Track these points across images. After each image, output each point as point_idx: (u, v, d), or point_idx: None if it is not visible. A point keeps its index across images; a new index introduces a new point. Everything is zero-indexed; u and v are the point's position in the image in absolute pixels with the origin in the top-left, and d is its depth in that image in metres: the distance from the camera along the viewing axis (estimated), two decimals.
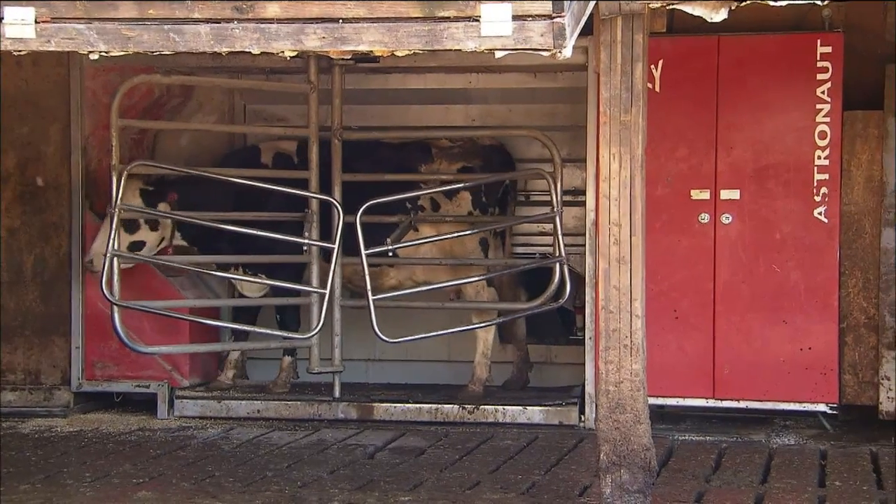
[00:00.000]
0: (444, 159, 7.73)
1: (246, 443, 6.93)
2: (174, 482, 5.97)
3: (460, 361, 8.45)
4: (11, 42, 4.42)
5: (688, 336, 7.13)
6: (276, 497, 5.66)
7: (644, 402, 5.14)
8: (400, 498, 5.65)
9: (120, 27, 4.42)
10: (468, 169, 7.69)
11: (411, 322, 7.69)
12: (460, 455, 6.58)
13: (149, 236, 7.40)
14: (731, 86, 7.04)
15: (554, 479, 6.03)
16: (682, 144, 7.12)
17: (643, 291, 5.14)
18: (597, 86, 5.94)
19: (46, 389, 7.77)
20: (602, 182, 5.13)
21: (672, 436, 6.99)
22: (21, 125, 7.69)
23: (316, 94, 7.37)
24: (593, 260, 7.09)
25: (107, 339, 7.50)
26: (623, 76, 5.01)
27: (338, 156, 7.54)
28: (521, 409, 7.41)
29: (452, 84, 8.15)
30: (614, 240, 5.12)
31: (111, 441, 7.00)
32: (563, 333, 8.26)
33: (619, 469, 5.09)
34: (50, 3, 4.41)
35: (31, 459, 6.50)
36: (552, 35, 4.29)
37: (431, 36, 4.36)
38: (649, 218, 5.31)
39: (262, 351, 8.24)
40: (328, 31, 4.39)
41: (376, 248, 6.73)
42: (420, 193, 7.49)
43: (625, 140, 5.06)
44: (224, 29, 4.42)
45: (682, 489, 5.79)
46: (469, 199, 7.69)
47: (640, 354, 5.12)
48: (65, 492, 5.78)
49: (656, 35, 6.81)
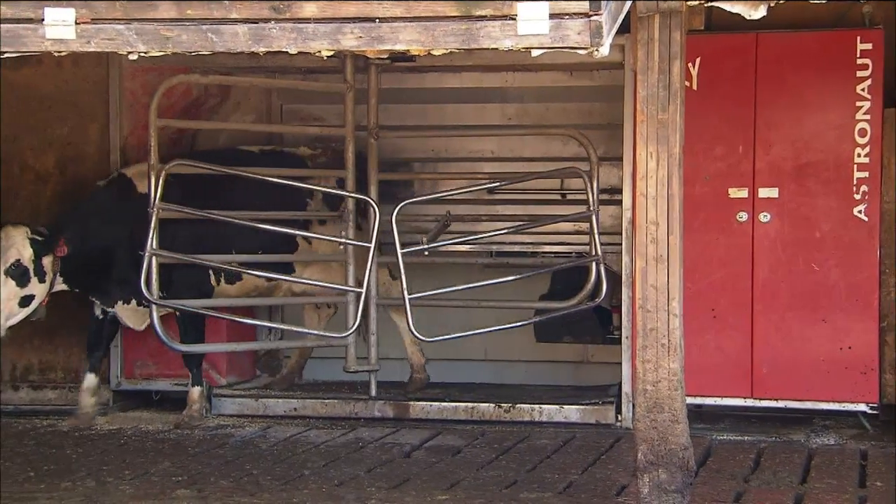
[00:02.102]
0: (318, 168, 7.71)
1: (283, 441, 6.96)
2: (213, 480, 6.01)
3: (497, 360, 8.45)
4: (52, 43, 4.46)
5: (726, 335, 7.09)
6: (314, 495, 5.68)
7: (682, 402, 5.12)
8: (437, 497, 5.66)
9: (159, 28, 4.45)
10: (342, 177, 7.59)
11: (448, 321, 7.68)
12: (497, 454, 6.58)
13: (37, 288, 6.97)
14: (769, 83, 6.99)
15: (591, 479, 6.01)
16: (720, 143, 7.08)
17: (681, 290, 5.12)
18: (634, 84, 5.91)
19: None
20: (639, 181, 5.12)
21: (710, 435, 6.94)
22: (61, 125, 7.77)
23: (352, 94, 7.39)
24: (630, 259, 7.06)
25: (146, 338, 7.55)
26: (660, 74, 4.99)
27: (374, 155, 7.56)
28: (557, 408, 7.39)
29: (488, 83, 8.15)
30: (651, 238, 5.10)
31: (150, 439, 7.05)
32: (600, 333, 8.23)
33: (656, 469, 5.07)
34: (90, 4, 4.44)
35: (71, 457, 6.56)
36: (589, 33, 4.28)
37: (468, 35, 4.36)
38: (687, 216, 5.28)
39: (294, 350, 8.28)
40: (365, 31, 4.40)
41: (413, 247, 6.74)
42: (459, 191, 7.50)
43: (662, 138, 5.04)
44: (261, 29, 4.44)
45: (721, 489, 5.75)
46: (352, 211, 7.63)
47: (677, 353, 5.10)
48: (105, 489, 5.83)
49: (694, 33, 6.77)
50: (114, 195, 7.29)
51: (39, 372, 7.77)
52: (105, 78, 7.72)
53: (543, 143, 8.16)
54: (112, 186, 7.35)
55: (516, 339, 8.26)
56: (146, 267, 6.56)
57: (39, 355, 7.65)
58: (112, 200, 7.27)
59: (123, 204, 7.21)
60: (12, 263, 6.77)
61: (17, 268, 6.78)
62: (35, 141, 7.73)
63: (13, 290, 6.80)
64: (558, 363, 8.52)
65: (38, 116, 7.76)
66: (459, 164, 8.37)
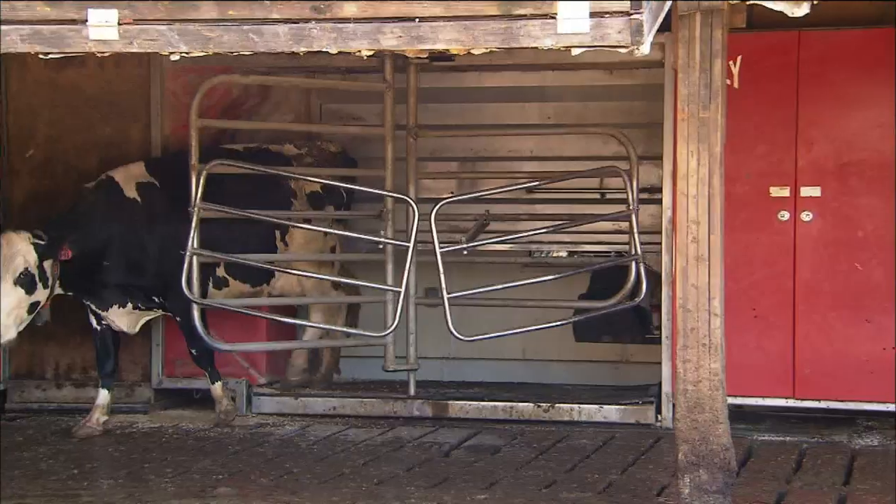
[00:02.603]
0: (303, 167, 7.64)
1: (323, 440, 6.98)
2: (253, 478, 6.04)
3: (535, 360, 8.44)
4: (95, 44, 4.50)
5: (767, 335, 7.04)
6: (354, 494, 5.69)
7: (723, 402, 5.09)
8: (476, 496, 5.66)
9: (200, 28, 4.48)
10: (328, 187, 7.60)
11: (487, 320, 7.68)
12: (536, 454, 6.57)
13: (42, 294, 6.81)
14: (811, 82, 6.93)
15: (631, 479, 5.99)
16: (762, 141, 7.03)
17: (722, 290, 5.09)
18: (674, 82, 5.87)
19: (128, 386, 7.89)
20: (680, 179, 5.09)
21: (751, 436, 6.90)
22: (104, 126, 7.83)
23: (391, 93, 7.40)
24: (670, 258, 7.02)
25: None
26: (702, 73, 4.97)
27: (413, 155, 7.57)
28: (597, 407, 7.37)
29: (528, 82, 8.14)
30: (692, 238, 5.07)
31: (191, 437, 7.10)
32: (640, 332, 8.20)
33: (697, 469, 5.05)
34: (133, 5, 4.47)
35: (113, 455, 6.62)
36: (630, 32, 4.26)
37: (508, 34, 4.35)
38: (728, 215, 5.25)
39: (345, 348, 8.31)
40: (405, 30, 4.41)
41: (452, 246, 6.74)
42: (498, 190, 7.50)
43: (703, 137, 5.02)
44: (302, 29, 4.45)
45: (763, 490, 5.71)
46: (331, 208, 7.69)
47: (718, 353, 5.08)
48: (147, 487, 5.87)
49: (735, 31, 6.72)
50: (103, 198, 7.15)
51: (82, 370, 7.83)
52: (147, 79, 7.77)
53: (583, 142, 8.13)
54: (100, 189, 7.19)
55: (555, 338, 8.25)
56: (187, 266, 6.60)
57: (82, 353, 7.71)
58: (102, 203, 7.13)
59: (112, 207, 7.13)
60: (21, 272, 6.65)
61: (25, 276, 6.66)
62: (78, 141, 7.80)
63: (23, 298, 6.67)
64: (597, 363, 8.49)
65: (82, 117, 7.83)
66: (499, 164, 8.36)
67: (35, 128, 7.89)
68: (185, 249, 6.63)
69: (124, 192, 7.19)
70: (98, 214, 7.06)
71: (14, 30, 4.51)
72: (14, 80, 7.85)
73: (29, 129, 7.88)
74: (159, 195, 7.21)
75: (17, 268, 6.66)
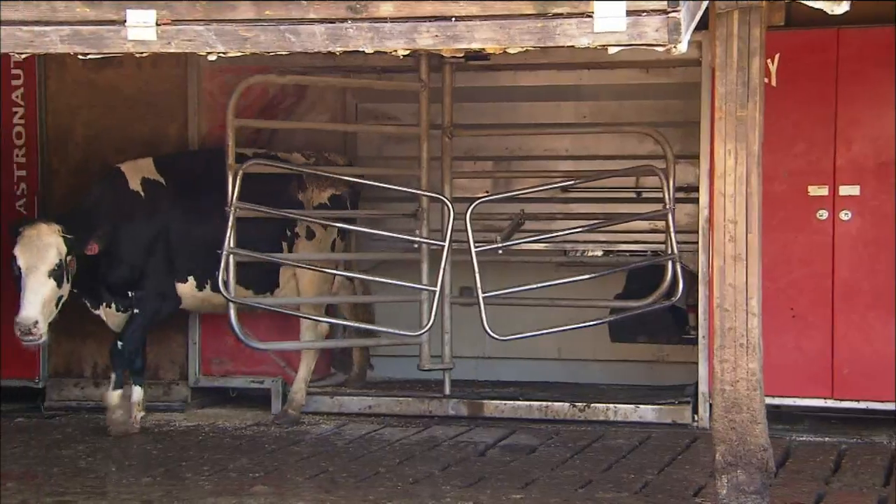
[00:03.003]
0: (316, 187, 7.57)
1: (358, 439, 7.00)
2: (289, 477, 6.06)
3: (571, 359, 8.41)
4: (134, 44, 4.53)
5: (805, 335, 6.99)
6: (389, 493, 5.70)
7: (761, 402, 5.07)
8: (512, 496, 5.65)
9: (238, 28, 4.50)
10: (336, 196, 7.58)
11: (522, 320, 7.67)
12: (572, 453, 6.55)
13: (65, 288, 6.75)
14: (850, 80, 6.87)
15: (667, 479, 5.96)
16: (800, 140, 6.98)
17: (759, 289, 5.07)
18: (711, 81, 5.86)
19: (165, 385, 7.95)
20: (717, 179, 5.07)
21: (789, 436, 6.85)
22: (141, 125, 7.88)
23: (427, 93, 7.41)
24: (706, 257, 6.99)
25: (222, 335, 7.63)
26: (739, 71, 4.94)
27: (448, 154, 7.57)
28: (633, 407, 7.34)
29: (563, 81, 8.11)
30: (730, 237, 5.05)
31: (228, 436, 7.13)
32: (676, 332, 8.16)
33: (735, 469, 5.03)
34: (171, 5, 4.50)
35: (151, 453, 6.66)
36: (667, 30, 4.24)
37: (544, 33, 4.34)
38: (765, 214, 5.22)
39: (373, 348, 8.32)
40: (441, 30, 4.41)
41: (486, 245, 6.73)
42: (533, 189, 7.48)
43: (741, 136, 4.99)
44: (339, 29, 4.47)
45: (801, 491, 5.67)
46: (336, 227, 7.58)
47: (756, 353, 5.05)
48: (184, 485, 5.91)
49: (773, 28, 6.67)
50: (111, 190, 7.10)
51: None
52: (184, 79, 7.81)
53: (618, 141, 8.09)
54: (108, 181, 7.15)
55: (590, 338, 8.22)
56: (224, 265, 6.63)
57: None
58: (112, 196, 7.08)
59: (119, 200, 7.07)
60: (56, 265, 6.62)
61: (58, 269, 6.63)
62: (116, 141, 7.85)
63: (55, 292, 6.64)
64: (632, 362, 8.46)
65: (119, 117, 7.88)
66: (534, 163, 8.34)
67: (73, 127, 7.95)
68: (221, 248, 6.63)
69: (129, 183, 7.11)
70: (112, 207, 7.01)
71: (54, 30, 4.55)
72: (53, 80, 7.92)
73: (67, 128, 7.95)
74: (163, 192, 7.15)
75: (51, 260, 6.63)
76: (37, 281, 6.59)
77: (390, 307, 8.03)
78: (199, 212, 7.15)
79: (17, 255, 6.64)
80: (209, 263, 6.94)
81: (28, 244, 6.64)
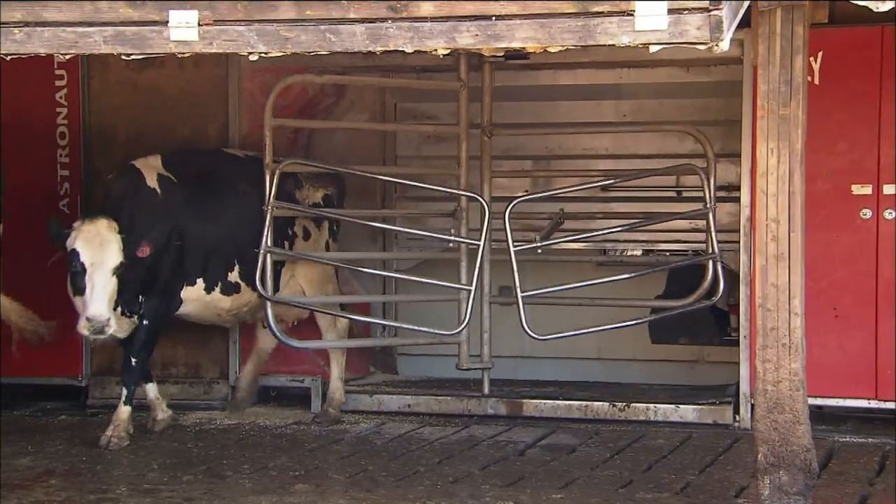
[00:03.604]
0: (311, 185, 7.48)
1: (398, 438, 7.01)
2: (329, 475, 6.08)
3: (611, 359, 8.38)
4: (176, 45, 4.56)
5: (848, 335, 6.92)
6: (429, 492, 5.71)
7: (804, 403, 5.03)
8: (552, 495, 5.64)
9: (279, 28, 4.52)
10: (328, 196, 7.50)
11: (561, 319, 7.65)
12: (612, 453, 6.53)
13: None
14: (894, 77, 6.79)
15: (709, 480, 5.93)
16: (843, 138, 6.91)
17: (802, 289, 5.03)
18: (753, 79, 5.81)
19: (206, 383, 7.99)
20: (759, 177, 5.04)
21: (832, 437, 6.79)
22: (183, 125, 7.93)
23: (466, 92, 7.40)
24: (748, 257, 6.94)
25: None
26: (782, 69, 4.91)
27: (487, 153, 7.57)
28: (673, 407, 7.31)
29: (603, 79, 8.09)
30: (772, 236, 5.01)
31: (268, 434, 7.16)
32: (717, 334, 8.11)
33: (777, 470, 4.99)
34: (212, 6, 4.52)
35: (192, 451, 6.70)
36: (709, 28, 4.22)
37: (585, 31, 4.33)
38: (808, 213, 5.18)
39: (412, 346, 8.34)
40: (481, 29, 4.40)
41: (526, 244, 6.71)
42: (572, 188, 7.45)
43: (783, 134, 4.96)
44: (379, 28, 4.47)
45: (845, 492, 5.63)
46: (327, 227, 7.53)
47: (799, 353, 5.01)
48: (225, 483, 5.94)
49: (816, 26, 6.62)
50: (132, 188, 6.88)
51: (161, 367, 7.93)
52: (224, 79, 7.85)
53: (659, 140, 8.06)
54: (127, 179, 6.94)
55: (630, 337, 8.19)
56: (261, 264, 6.65)
57: (161, 351, 7.81)
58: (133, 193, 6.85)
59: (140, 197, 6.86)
60: (120, 262, 6.44)
61: (121, 267, 6.45)
62: (158, 141, 7.89)
63: (115, 292, 6.46)
64: (673, 362, 8.42)
65: (161, 117, 7.94)
66: (574, 162, 8.32)
67: (116, 128, 8.02)
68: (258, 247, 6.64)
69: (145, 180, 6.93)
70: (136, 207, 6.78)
71: (97, 31, 4.58)
72: (96, 81, 7.99)
73: (110, 128, 8.01)
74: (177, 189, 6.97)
75: (115, 257, 6.43)
76: (103, 277, 6.40)
77: (428, 306, 8.04)
78: (210, 211, 7.01)
79: (80, 251, 6.42)
80: (220, 265, 6.91)
81: (90, 239, 6.43)
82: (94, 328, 6.35)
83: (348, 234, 7.95)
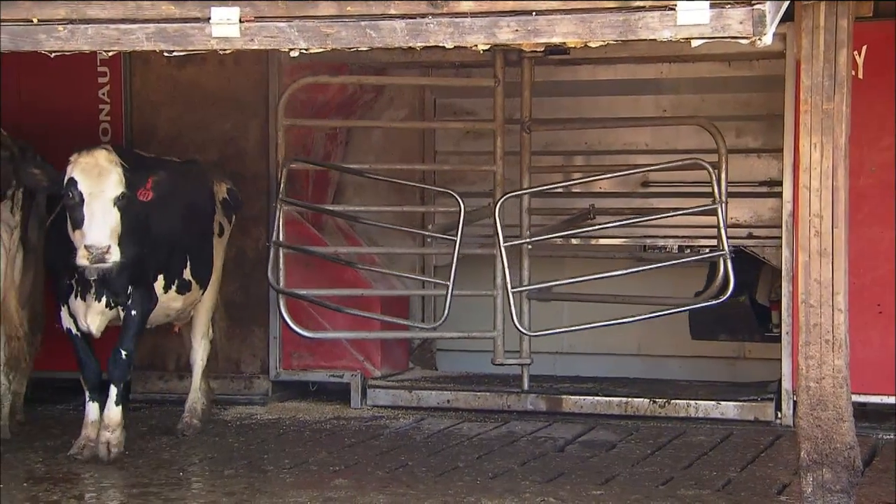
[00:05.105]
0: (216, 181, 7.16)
1: (437, 433, 7.01)
2: (369, 471, 6.09)
3: (650, 355, 8.34)
4: (217, 41, 4.57)
5: (892, 331, 6.85)
6: (468, 488, 5.70)
7: (847, 400, 4.98)
8: (591, 492, 5.62)
9: (319, 25, 4.53)
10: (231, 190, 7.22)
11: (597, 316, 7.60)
12: (652, 450, 6.50)
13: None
14: None
15: (751, 477, 5.89)
16: (887, 133, 6.84)
17: (846, 285, 4.98)
18: (796, 73, 5.77)
19: (246, 378, 8.03)
20: (802, 172, 4.99)
21: (876, 434, 6.73)
22: (223, 122, 7.97)
23: (501, 88, 7.38)
24: (790, 253, 6.89)
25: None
26: (826, 63, 4.86)
27: (527, 149, 7.55)
28: (714, 404, 7.26)
29: (643, 74, 8.05)
30: (815, 232, 4.97)
31: (308, 429, 7.19)
32: (758, 330, 8.05)
33: (820, 468, 4.95)
34: (253, 3, 4.54)
35: (233, 446, 6.74)
36: (752, 22, 4.18)
37: (626, 26, 4.30)
38: (851, 209, 5.12)
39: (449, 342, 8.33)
40: (521, 24, 4.39)
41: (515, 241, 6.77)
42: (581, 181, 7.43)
43: (827, 129, 4.91)
44: (419, 24, 4.47)
45: (889, 490, 5.57)
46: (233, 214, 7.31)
47: (843, 350, 4.96)
48: (265, 477, 5.97)
49: (861, 20, 6.54)
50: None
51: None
52: (265, 75, 7.88)
53: (698, 135, 7.99)
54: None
55: (670, 333, 8.15)
56: (273, 258, 6.73)
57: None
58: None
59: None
60: (121, 193, 5.91)
61: (122, 199, 5.92)
62: (198, 137, 7.95)
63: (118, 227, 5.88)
64: (714, 358, 8.37)
65: (202, 113, 7.98)
66: (613, 157, 8.28)
67: (156, 124, 8.07)
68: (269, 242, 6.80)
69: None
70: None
71: (139, 28, 4.61)
72: (137, 78, 8.04)
73: (151, 125, 8.07)
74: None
75: (116, 187, 5.91)
76: (103, 207, 5.84)
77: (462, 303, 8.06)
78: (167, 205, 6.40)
79: (78, 179, 5.85)
80: (177, 262, 6.61)
81: (88, 169, 5.88)
82: (93, 257, 5.77)
83: (385, 232, 7.97)
